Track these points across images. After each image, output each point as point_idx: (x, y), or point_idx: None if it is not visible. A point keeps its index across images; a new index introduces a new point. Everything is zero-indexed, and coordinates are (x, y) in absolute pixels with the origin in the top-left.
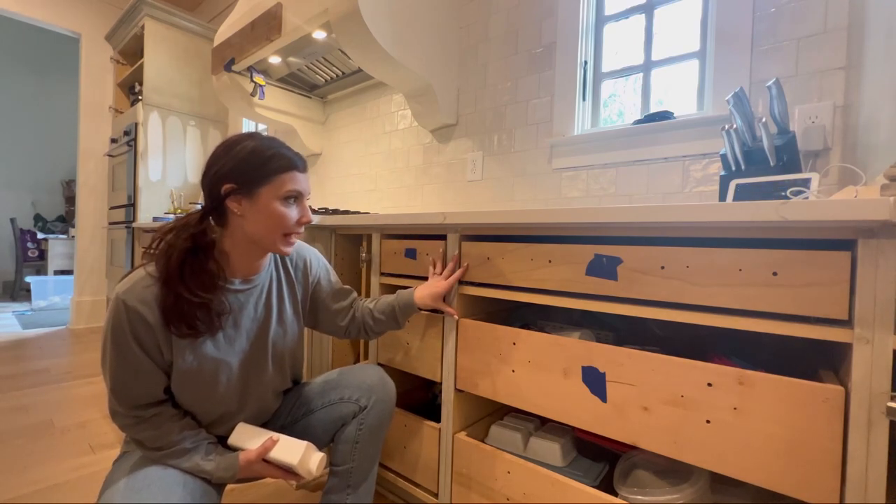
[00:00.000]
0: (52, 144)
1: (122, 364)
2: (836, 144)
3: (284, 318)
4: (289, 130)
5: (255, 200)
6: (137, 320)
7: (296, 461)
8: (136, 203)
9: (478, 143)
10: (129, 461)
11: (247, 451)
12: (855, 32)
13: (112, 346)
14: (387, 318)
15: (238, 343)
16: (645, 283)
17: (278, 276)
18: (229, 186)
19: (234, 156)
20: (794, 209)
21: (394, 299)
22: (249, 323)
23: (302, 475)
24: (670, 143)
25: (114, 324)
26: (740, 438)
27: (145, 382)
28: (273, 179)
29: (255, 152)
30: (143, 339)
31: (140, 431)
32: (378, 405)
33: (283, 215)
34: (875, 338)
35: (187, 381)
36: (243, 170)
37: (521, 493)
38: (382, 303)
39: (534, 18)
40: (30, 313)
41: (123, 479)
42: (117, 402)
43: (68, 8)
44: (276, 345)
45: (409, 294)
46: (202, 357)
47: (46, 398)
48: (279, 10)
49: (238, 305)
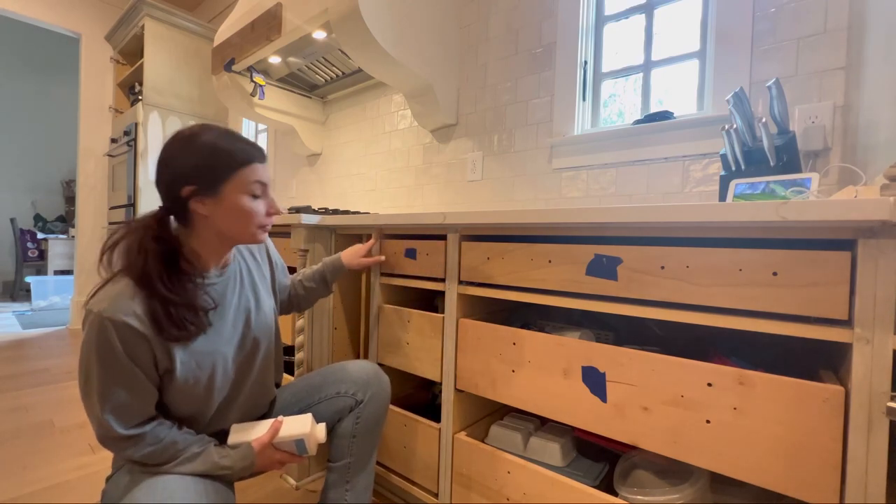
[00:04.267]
0: (52, 144)
1: (113, 385)
2: (836, 144)
3: (261, 300)
4: (289, 130)
5: (220, 199)
6: (130, 335)
7: (307, 430)
8: (136, 203)
9: (478, 143)
10: (125, 478)
11: (258, 437)
12: (855, 32)
13: (100, 368)
14: (317, 285)
15: (226, 332)
16: (645, 283)
17: (246, 262)
18: (190, 189)
19: (192, 154)
20: (794, 209)
21: (321, 266)
22: (233, 311)
23: (310, 447)
24: (670, 143)
25: (98, 344)
26: (740, 438)
27: (138, 400)
28: (236, 174)
29: (213, 148)
30: (136, 353)
31: (140, 450)
32: (374, 399)
33: (252, 210)
34: (875, 338)
35: (188, 384)
36: (203, 168)
37: (521, 493)
38: (310, 271)
39: (534, 18)
40: (30, 313)
41: (135, 492)
42: (113, 426)
43: (68, 8)
44: (260, 328)
45: (337, 257)
46: (198, 354)
47: (46, 398)
48: (279, 10)
49: (218, 296)
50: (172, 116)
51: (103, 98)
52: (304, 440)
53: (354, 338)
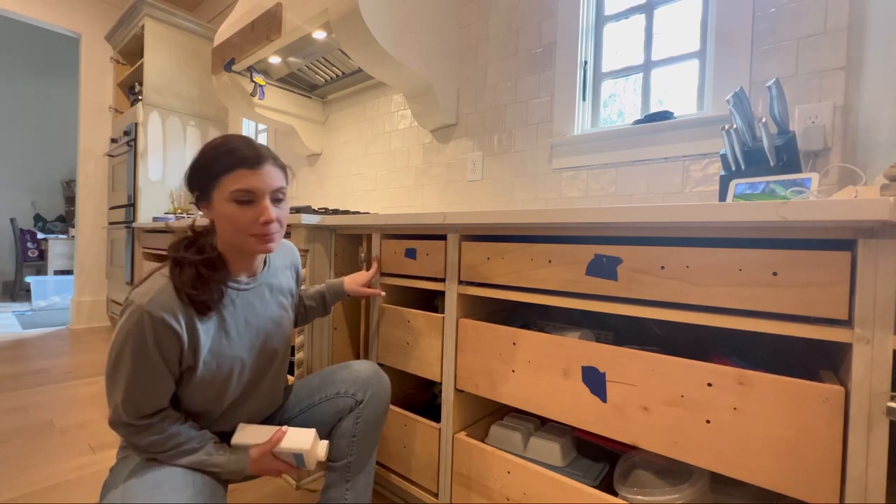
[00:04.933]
0: (52, 144)
1: (140, 375)
2: (836, 144)
3: (283, 314)
4: (289, 130)
5: (212, 206)
6: (164, 330)
7: (308, 447)
8: (136, 203)
9: (478, 143)
10: (128, 466)
11: (259, 445)
12: (855, 32)
13: (131, 357)
14: (317, 305)
15: (249, 338)
16: (645, 283)
17: (277, 273)
18: (195, 194)
19: (196, 160)
20: (794, 209)
21: (323, 287)
22: (258, 319)
23: (309, 462)
24: (670, 143)
25: (135, 334)
26: (740, 438)
27: (158, 392)
28: (220, 181)
29: (203, 156)
30: (165, 348)
31: (144, 438)
32: (374, 399)
33: (236, 217)
34: (875, 338)
35: (204, 382)
36: (197, 176)
37: (521, 493)
38: (312, 290)
39: (534, 18)
40: (30, 313)
41: (131, 481)
42: (126, 412)
43: (68, 8)
44: (279, 339)
45: (339, 281)
46: (220, 356)
47: (46, 398)
48: (279, 10)
49: (247, 302)
50: (172, 116)
51: (103, 98)
52: (303, 455)
53: (354, 338)
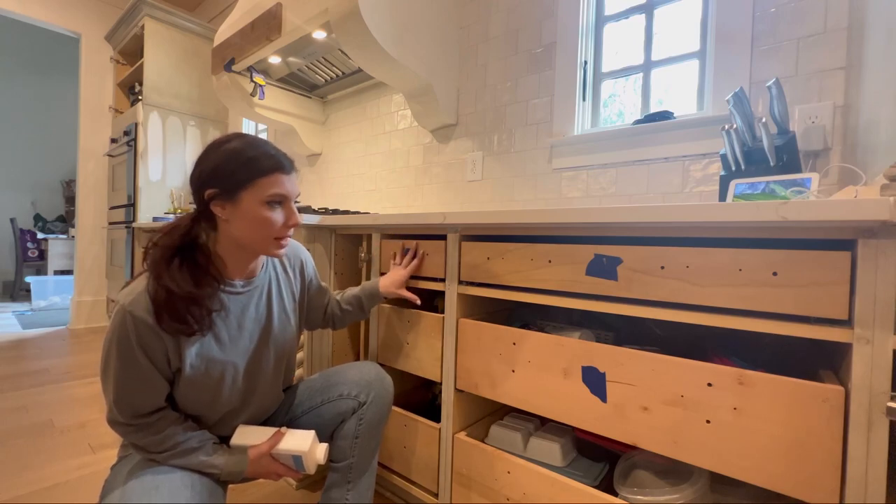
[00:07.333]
0: (52, 144)
1: (127, 375)
2: (836, 144)
3: (284, 319)
4: (289, 130)
5: (237, 205)
6: (145, 330)
7: (306, 448)
8: (136, 203)
9: (478, 143)
10: (128, 466)
11: (257, 445)
12: (855, 33)
13: (117, 358)
14: (353, 309)
15: (242, 344)
16: (645, 283)
17: (277, 276)
18: (211, 192)
19: (216, 158)
20: (794, 209)
21: (359, 290)
22: (252, 324)
23: (308, 465)
24: (670, 143)
25: (119, 335)
26: (740, 438)
27: (149, 392)
28: (254, 183)
29: (236, 155)
30: (149, 348)
31: (142, 438)
32: (377, 400)
33: (268, 220)
34: (875, 338)
35: (194, 386)
36: (223, 174)
37: (521, 493)
38: (349, 294)
39: (534, 18)
40: (30, 313)
41: (130, 482)
42: (120, 412)
43: (68, 8)
44: (277, 344)
45: (374, 284)
46: (209, 360)
47: (46, 398)
48: (279, 10)
49: (241, 307)
50: (172, 116)
51: (103, 98)
52: (301, 458)
53: (354, 338)
